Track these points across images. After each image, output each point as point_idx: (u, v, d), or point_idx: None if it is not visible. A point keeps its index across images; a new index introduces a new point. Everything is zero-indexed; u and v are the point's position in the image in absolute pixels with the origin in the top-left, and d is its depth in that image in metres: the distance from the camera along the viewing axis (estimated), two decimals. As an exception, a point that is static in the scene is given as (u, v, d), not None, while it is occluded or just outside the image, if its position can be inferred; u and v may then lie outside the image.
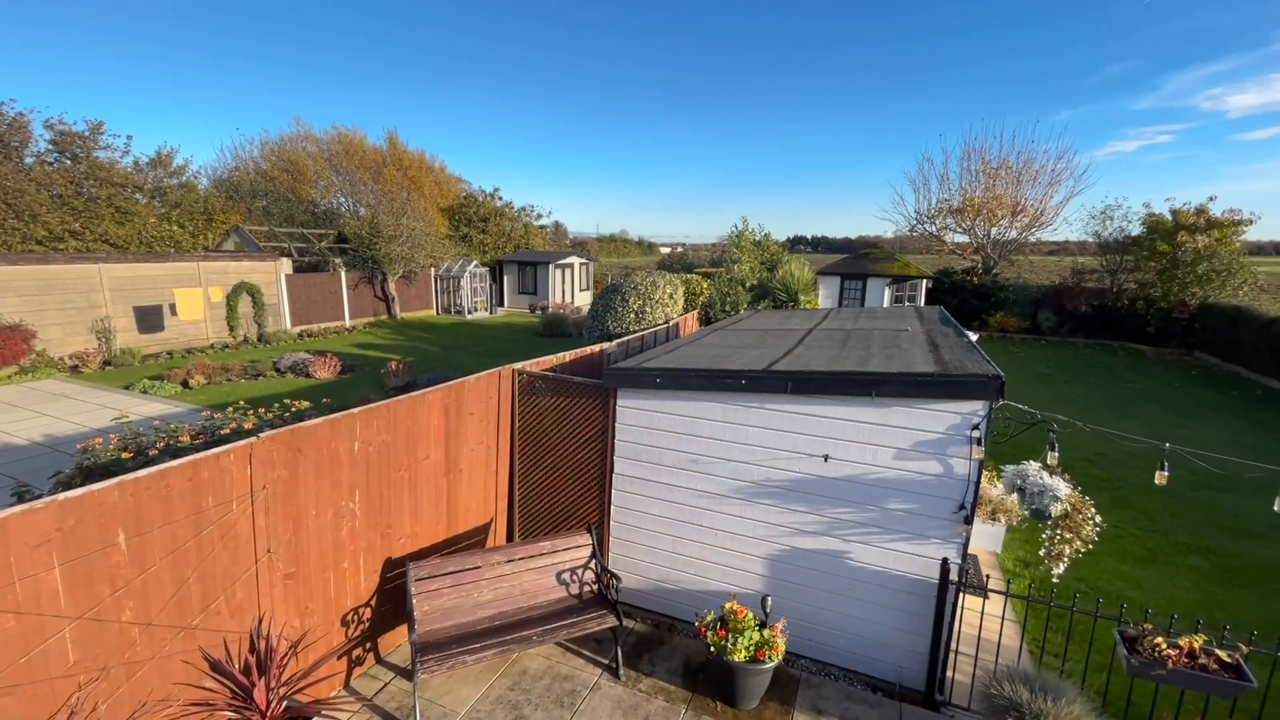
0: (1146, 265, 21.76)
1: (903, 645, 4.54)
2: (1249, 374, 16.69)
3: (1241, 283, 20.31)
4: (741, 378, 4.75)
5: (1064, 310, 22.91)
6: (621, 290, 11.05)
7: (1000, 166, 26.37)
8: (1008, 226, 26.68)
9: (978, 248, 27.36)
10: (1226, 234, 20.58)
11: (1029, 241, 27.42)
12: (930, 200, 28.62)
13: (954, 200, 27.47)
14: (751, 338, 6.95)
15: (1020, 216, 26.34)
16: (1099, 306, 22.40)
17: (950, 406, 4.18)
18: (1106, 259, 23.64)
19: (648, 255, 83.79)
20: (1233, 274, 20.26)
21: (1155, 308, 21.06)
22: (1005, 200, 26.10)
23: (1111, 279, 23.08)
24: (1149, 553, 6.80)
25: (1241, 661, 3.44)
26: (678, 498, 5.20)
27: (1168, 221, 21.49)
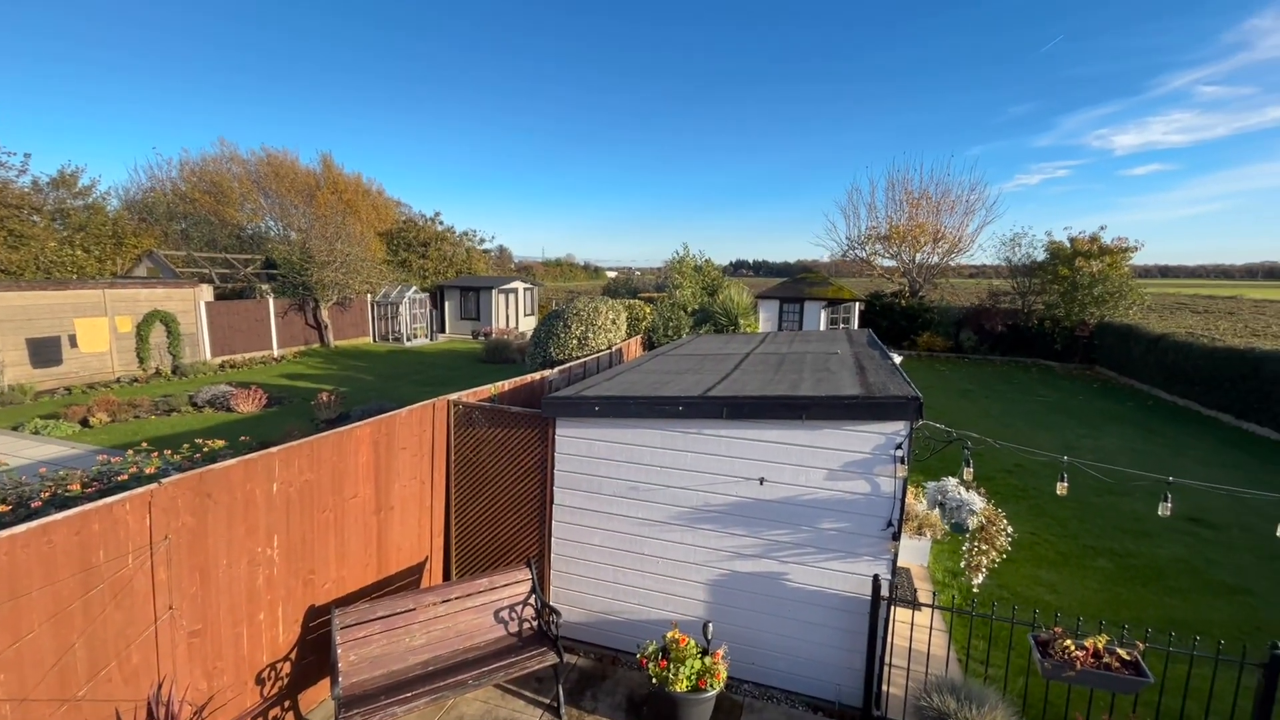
0: (1051, 288, 23.71)
1: (840, 663, 4.64)
2: (1141, 386, 18.37)
3: (1131, 304, 22.48)
4: (679, 404, 4.81)
5: (983, 330, 24.58)
6: (564, 316, 11.03)
7: (921, 196, 28.31)
8: (930, 252, 28.54)
9: (904, 272, 29.06)
10: (1116, 259, 22.77)
11: (950, 266, 29.40)
12: (860, 227, 30.33)
13: (881, 227, 29.19)
14: (691, 363, 7.07)
15: (941, 243, 28.26)
16: (1012, 326, 24.17)
17: (875, 427, 4.38)
18: (1017, 282, 25.62)
19: (594, 279, 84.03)
20: (1123, 295, 22.39)
21: (1060, 327, 22.93)
22: (927, 228, 27.96)
23: (1022, 301, 25.00)
24: (1061, 557, 7.28)
25: (1139, 658, 3.71)
26: (619, 526, 5.16)
27: (1067, 248, 23.58)
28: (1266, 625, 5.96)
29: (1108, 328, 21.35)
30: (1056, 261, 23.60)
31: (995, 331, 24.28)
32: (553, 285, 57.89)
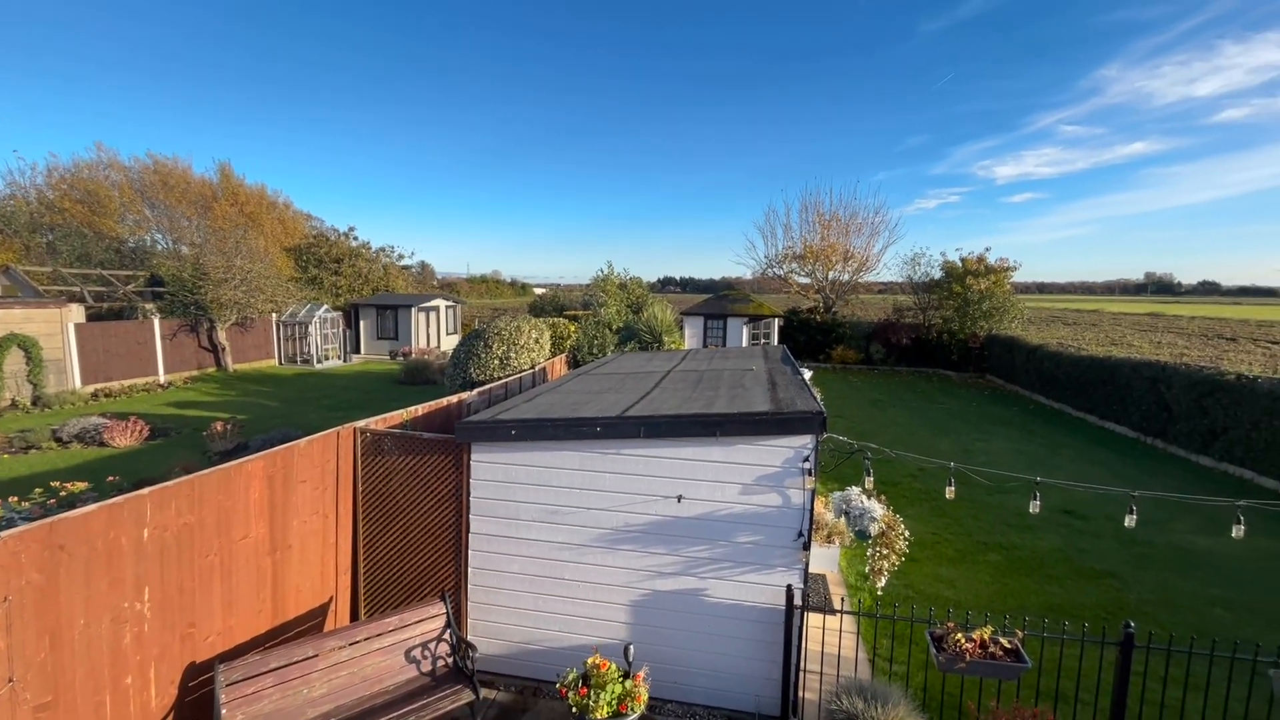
0: (947, 304, 25.85)
1: (759, 674, 4.74)
2: (1024, 392, 20.33)
3: (1013, 318, 24.92)
4: (597, 425, 4.81)
5: (890, 343, 26.36)
6: (484, 336, 10.76)
7: (832, 218, 30.14)
8: (841, 270, 30.38)
9: (819, 289, 30.72)
10: (1000, 278, 25.21)
11: (860, 283, 31.39)
12: (777, 247, 31.82)
13: (796, 247, 30.76)
14: (613, 382, 7.10)
15: (850, 262, 30.16)
16: (916, 339, 26.09)
17: (784, 441, 4.57)
18: (919, 298, 27.74)
19: (521, 296, 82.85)
20: (1007, 310, 24.79)
21: (956, 339, 25.01)
22: (838, 247, 29.77)
23: (923, 315, 27.07)
24: (959, 553, 7.86)
25: (1019, 645, 4.05)
26: (538, 552, 5.06)
27: (959, 268, 25.85)
28: (1128, 604, 6.69)
29: (995, 340, 23.53)
30: (951, 279, 25.80)
31: (901, 344, 26.10)
32: (477, 302, 56.51)
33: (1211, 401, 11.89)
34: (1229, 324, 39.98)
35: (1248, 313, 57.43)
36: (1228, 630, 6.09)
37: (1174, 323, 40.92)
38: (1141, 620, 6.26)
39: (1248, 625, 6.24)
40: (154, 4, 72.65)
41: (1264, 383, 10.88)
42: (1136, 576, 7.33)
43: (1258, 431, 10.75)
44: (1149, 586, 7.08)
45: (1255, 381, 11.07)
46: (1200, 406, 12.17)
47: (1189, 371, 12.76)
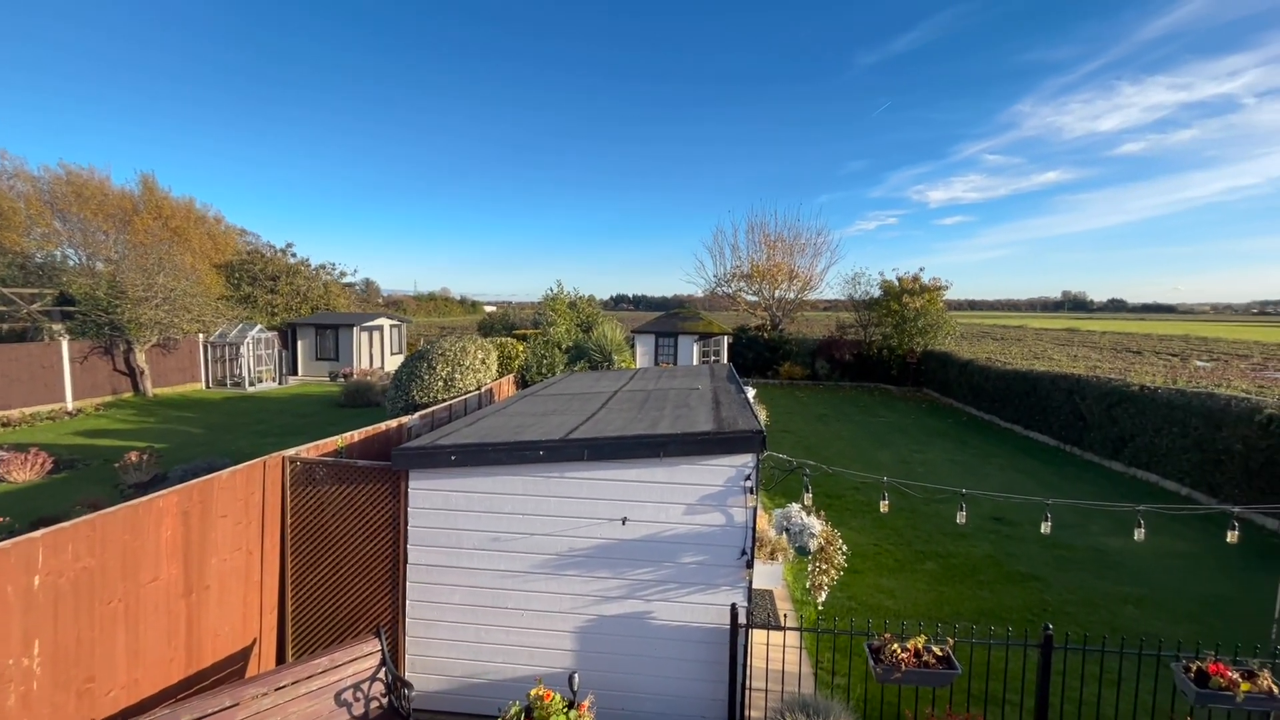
0: (886, 321, 27.05)
1: (706, 695, 4.74)
2: (958, 404, 21.42)
3: (946, 334, 26.32)
4: (540, 448, 4.75)
5: (834, 359, 27.30)
6: (428, 357, 10.48)
7: (777, 239, 31.21)
8: (787, 289, 31.37)
9: (766, 307, 31.59)
10: (933, 296, 26.62)
11: (805, 301, 32.49)
12: (725, 266, 32.61)
13: (744, 266, 31.61)
14: (559, 403, 7.04)
15: (795, 281, 31.22)
16: (858, 355, 27.13)
17: (726, 460, 4.64)
18: (859, 316, 28.91)
19: (470, 314, 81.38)
20: (940, 327, 26.17)
21: (895, 355, 26.17)
22: (783, 267, 30.78)
23: (864, 332, 28.21)
24: (898, 564, 8.13)
25: (950, 652, 4.22)
26: (481, 582, 4.91)
27: (895, 286, 27.15)
28: (1051, 605, 7.08)
29: (930, 355, 24.76)
30: (888, 298, 27.05)
31: (844, 360, 27.08)
32: (425, 321, 55.09)
33: (1120, 411, 12.87)
34: (1135, 338, 43.62)
35: (1150, 328, 62.86)
36: (1138, 626, 6.53)
37: (1088, 338, 44.29)
38: (1063, 620, 6.64)
39: (1154, 620, 6.71)
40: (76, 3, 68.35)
41: (1163, 393, 11.88)
42: (1058, 578, 7.77)
43: (1159, 438, 11.70)
44: (1069, 587, 7.53)
45: (1156, 392, 12.07)
46: (1110, 416, 13.15)
47: (1099, 383, 13.79)
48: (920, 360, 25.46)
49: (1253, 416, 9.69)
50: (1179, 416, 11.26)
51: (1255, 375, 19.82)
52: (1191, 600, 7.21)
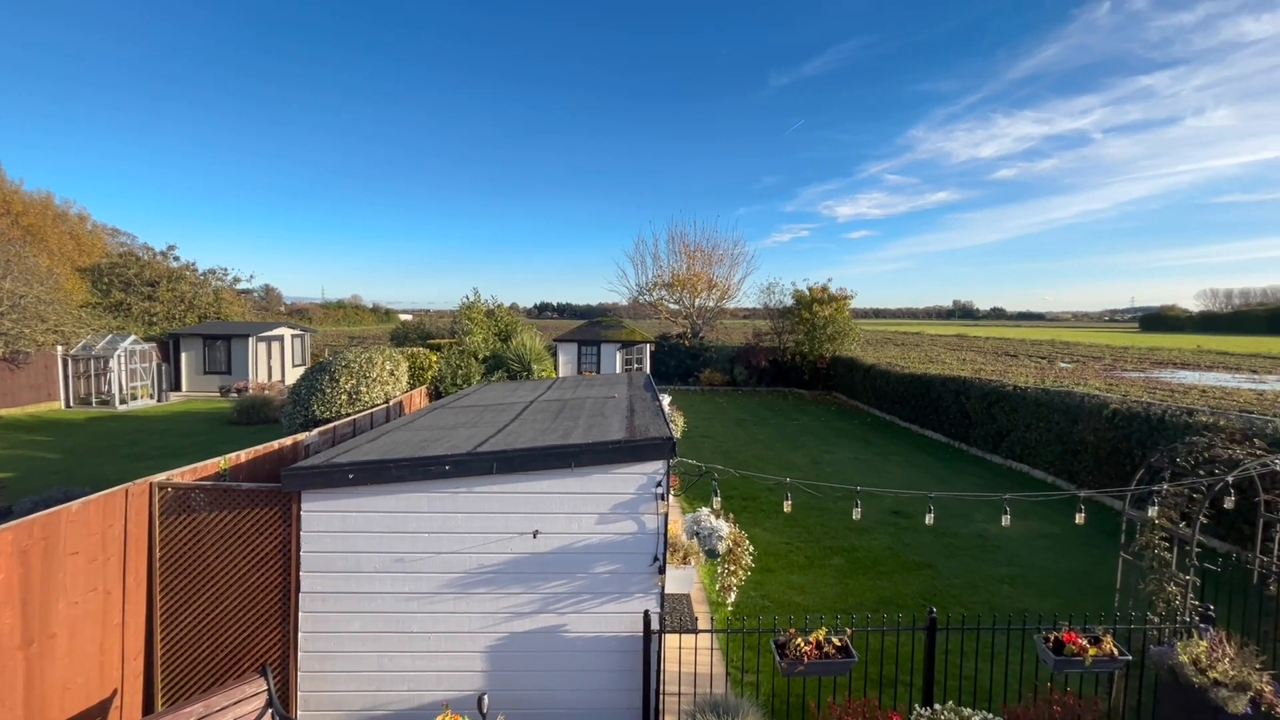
0: (798, 328, 28.47)
1: (621, 705, 4.73)
2: (863, 407, 22.88)
3: (853, 340, 28.09)
4: (445, 463, 4.58)
5: (751, 365, 28.35)
6: (330, 369, 9.83)
7: (696, 249, 32.07)
8: (706, 298, 32.28)
9: (687, 315, 32.33)
10: (840, 305, 28.34)
11: (725, 309, 33.56)
12: (647, 275, 33.08)
13: (665, 275, 32.23)
14: (471, 415, 6.83)
15: (714, 290, 32.19)
16: (774, 361, 28.33)
17: (637, 468, 4.68)
18: (774, 324, 30.23)
19: (384, 323, 77.40)
20: (847, 334, 27.88)
21: (807, 361, 27.58)
22: (702, 276, 31.66)
23: (779, 339, 29.52)
24: (808, 560, 8.53)
25: (848, 642, 4.47)
26: (384, 606, 4.65)
27: (806, 296, 28.66)
28: (942, 590, 7.68)
29: (839, 360, 26.31)
30: (800, 307, 28.50)
31: (761, 366, 28.19)
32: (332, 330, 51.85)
33: (998, 409, 14.26)
34: (1012, 343, 48.47)
35: (1024, 333, 70.34)
36: (1013, 603, 7.22)
37: (974, 343, 48.68)
38: (951, 602, 7.22)
39: (1026, 597, 7.45)
40: (-108, -34, 58.75)
41: (1032, 391, 13.30)
42: (947, 564, 8.46)
43: (1030, 432, 13.07)
44: (956, 572, 8.21)
45: (1026, 391, 13.49)
46: (990, 414, 14.54)
47: (981, 384, 15.22)
48: (830, 366, 26.98)
49: (1101, 411, 11.06)
50: (1044, 413, 12.64)
51: (1106, 374, 22.68)
52: (1056, 577, 8.07)
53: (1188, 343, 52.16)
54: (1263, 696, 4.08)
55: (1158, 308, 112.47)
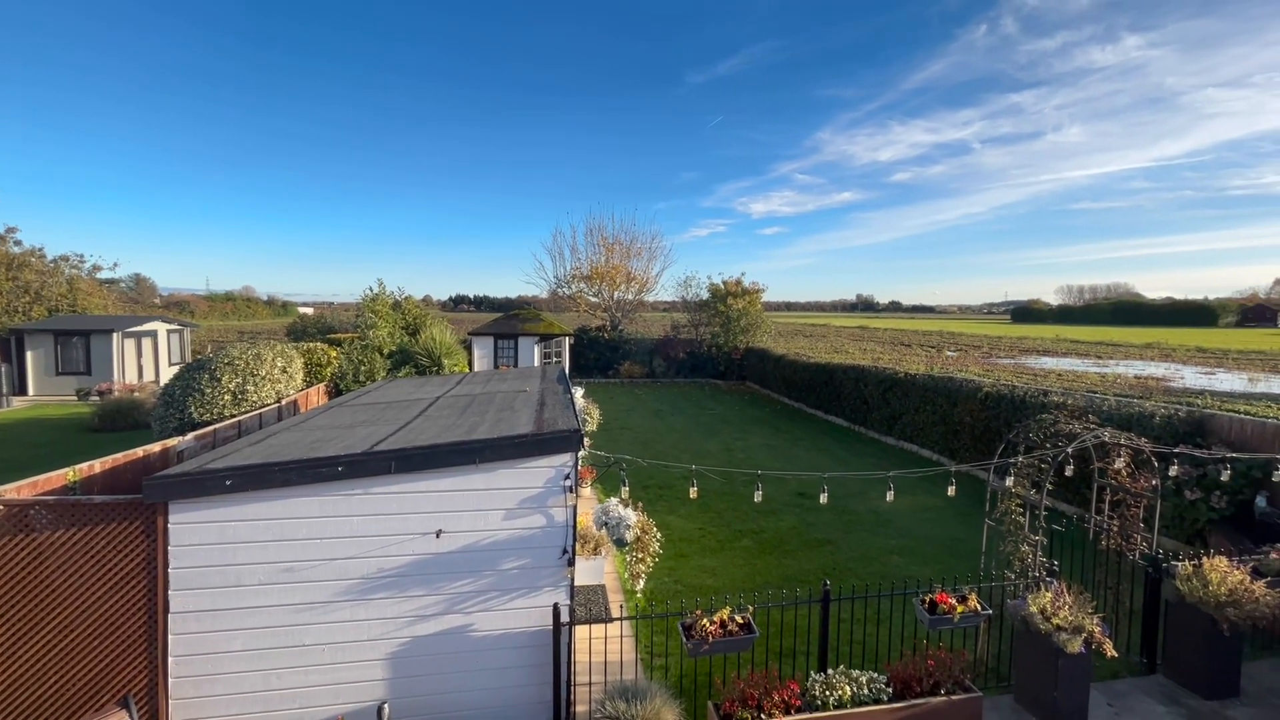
0: (714, 321, 29.33)
1: (532, 700, 4.70)
2: (775, 395, 23.99)
3: (765, 332, 29.35)
4: (339, 464, 4.32)
5: (670, 357, 28.88)
6: (209, 367, 8.93)
7: (614, 242, 32.14)
8: (625, 290, 32.46)
9: (606, 308, 32.36)
10: (753, 298, 29.49)
11: (644, 302, 33.90)
12: (565, 267, 32.75)
13: (584, 268, 32.04)
14: (371, 412, 6.48)
15: (633, 283, 32.44)
16: (691, 353, 29.02)
17: (545, 462, 4.65)
18: (692, 316, 30.98)
19: (280, 317, 71.52)
20: (759, 326, 29.08)
21: (722, 352, 28.49)
22: (621, 269, 31.79)
23: (696, 332, 30.29)
24: (719, 544, 8.86)
25: (750, 619, 4.70)
26: (270, 620, 4.32)
27: (721, 289, 29.57)
28: (840, 564, 8.24)
29: (752, 351, 27.39)
30: (715, 300, 29.37)
31: (679, 358, 28.79)
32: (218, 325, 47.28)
33: (891, 394, 15.46)
34: (907, 334, 52.64)
35: (918, 325, 76.62)
36: (901, 571, 7.88)
37: (874, 334, 52.39)
38: (848, 574, 7.77)
39: (913, 565, 8.16)
40: None
41: (920, 378, 14.52)
42: (846, 540, 9.09)
43: (918, 415, 14.28)
44: (853, 546, 8.84)
45: (915, 378, 14.71)
46: (885, 399, 15.73)
47: (877, 372, 16.42)
48: (744, 357, 28.04)
49: (976, 394, 12.28)
50: (930, 397, 13.85)
51: (984, 361, 25.23)
52: (938, 545, 8.90)
53: (1049, 332, 59.08)
54: (1094, 636, 4.73)
55: (1025, 302, 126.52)
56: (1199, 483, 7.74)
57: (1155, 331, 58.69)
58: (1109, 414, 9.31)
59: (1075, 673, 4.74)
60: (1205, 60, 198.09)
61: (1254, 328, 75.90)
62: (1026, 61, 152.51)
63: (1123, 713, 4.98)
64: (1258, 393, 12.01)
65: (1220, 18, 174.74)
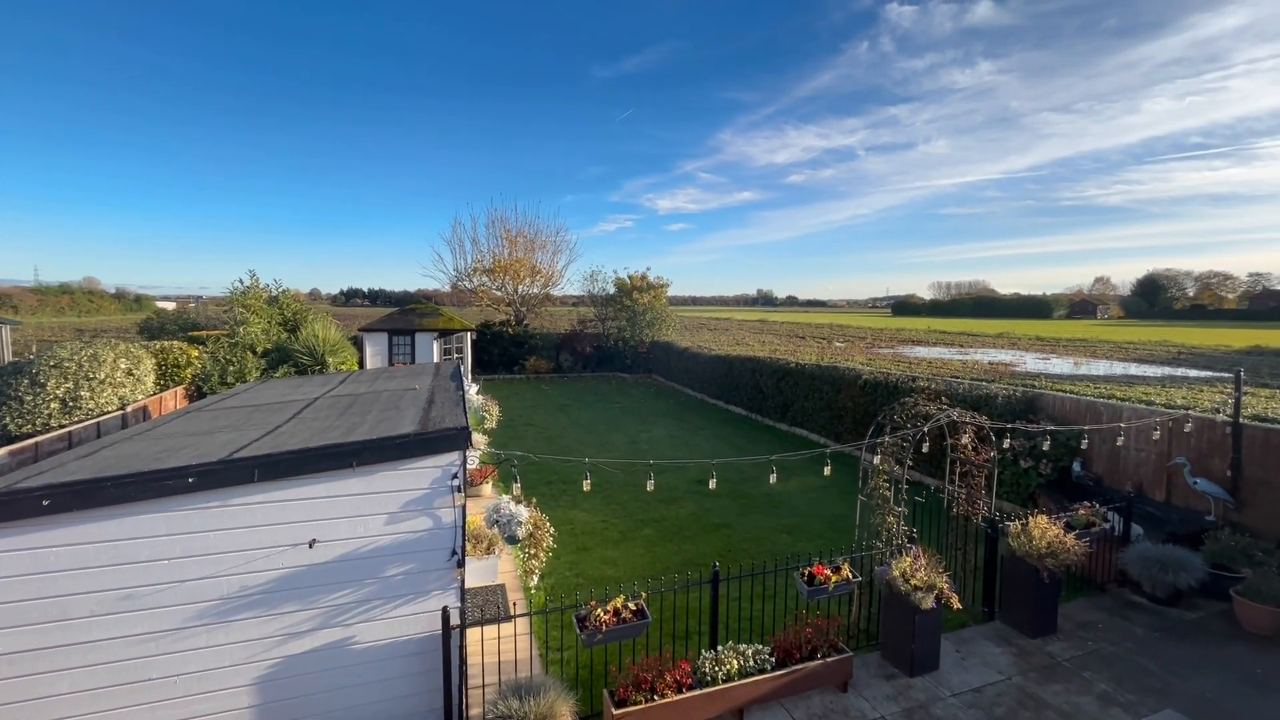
0: (620, 315, 29.57)
1: (423, 708, 4.53)
2: (678, 387, 24.65)
3: (670, 326, 30.01)
4: (188, 475, 3.89)
5: (576, 352, 28.75)
6: (30, 371, 7.63)
7: (518, 234, 31.38)
8: (530, 285, 31.85)
9: (510, 302, 31.57)
10: (658, 293, 30.05)
11: (550, 296, 33.43)
12: (466, 260, 31.54)
13: (486, 261, 31.02)
14: (237, 416, 5.89)
15: (538, 277, 31.89)
16: (598, 347, 29.08)
17: (430, 462, 4.47)
18: (598, 311, 31.01)
19: (133, 312, 62.94)
20: (664, 320, 29.71)
21: (629, 345, 28.81)
22: (525, 262, 31.12)
23: (603, 326, 30.37)
24: (621, 534, 8.99)
25: (644, 605, 4.82)
26: (107, 655, 3.82)
27: (627, 284, 29.86)
28: (736, 545, 8.66)
29: (657, 345, 27.94)
30: (622, 294, 29.61)
31: (585, 353, 28.74)
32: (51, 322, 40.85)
33: (785, 384, 16.42)
34: (802, 327, 55.93)
35: (812, 318, 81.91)
36: (790, 548, 8.42)
37: (772, 327, 55.14)
38: (742, 555, 8.17)
39: (800, 541, 8.75)
40: None
41: (809, 367, 15.55)
42: (740, 523, 9.56)
43: (808, 402, 15.30)
44: (747, 528, 9.32)
45: (805, 367, 15.73)
46: (779, 388, 16.69)
47: (771, 362, 17.37)
48: (650, 350, 28.53)
49: (856, 381, 13.36)
50: (817, 385, 14.88)
51: (868, 351, 27.48)
52: (822, 522, 9.60)
53: (923, 324, 65.38)
54: (943, 593, 5.33)
55: (904, 297, 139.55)
56: (1030, 453, 8.95)
57: (1005, 323, 67.02)
58: (963, 396, 10.50)
59: (929, 626, 5.33)
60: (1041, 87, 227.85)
61: (1079, 319, 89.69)
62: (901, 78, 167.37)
63: (967, 656, 5.68)
64: (1080, 374, 14.07)
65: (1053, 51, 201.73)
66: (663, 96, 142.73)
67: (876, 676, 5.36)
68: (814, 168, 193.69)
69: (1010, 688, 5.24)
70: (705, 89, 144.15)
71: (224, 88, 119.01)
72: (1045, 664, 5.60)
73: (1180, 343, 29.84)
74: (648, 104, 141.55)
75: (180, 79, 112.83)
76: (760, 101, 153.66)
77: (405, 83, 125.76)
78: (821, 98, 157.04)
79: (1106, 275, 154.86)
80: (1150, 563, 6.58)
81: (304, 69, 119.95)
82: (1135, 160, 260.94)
